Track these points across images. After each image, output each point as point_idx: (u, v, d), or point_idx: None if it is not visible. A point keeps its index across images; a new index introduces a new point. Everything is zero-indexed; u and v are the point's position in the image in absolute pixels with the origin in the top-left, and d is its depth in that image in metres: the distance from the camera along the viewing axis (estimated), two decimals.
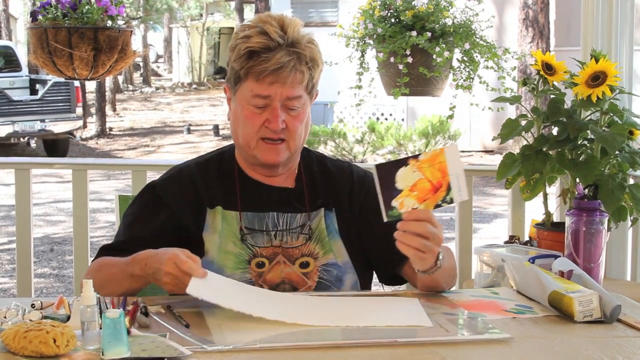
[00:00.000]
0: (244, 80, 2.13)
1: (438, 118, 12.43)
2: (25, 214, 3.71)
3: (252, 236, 2.15)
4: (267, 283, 2.11)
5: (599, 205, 2.38)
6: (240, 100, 2.15)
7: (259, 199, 2.19)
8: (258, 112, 2.12)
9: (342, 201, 2.24)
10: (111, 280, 2.03)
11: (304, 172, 2.25)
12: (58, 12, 3.19)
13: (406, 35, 3.53)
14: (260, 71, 2.09)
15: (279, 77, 2.09)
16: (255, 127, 2.13)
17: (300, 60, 2.11)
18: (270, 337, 1.69)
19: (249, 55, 2.10)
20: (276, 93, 2.10)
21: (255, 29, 2.12)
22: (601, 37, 3.34)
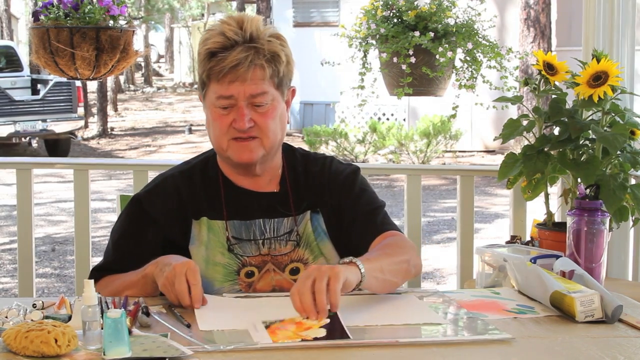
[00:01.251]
0: (207, 84, 2.11)
1: (439, 118, 12.43)
2: (26, 214, 3.71)
3: (240, 245, 2.13)
4: (257, 292, 2.10)
5: (601, 205, 2.38)
6: (208, 104, 2.13)
7: (245, 206, 2.17)
8: (225, 113, 2.10)
9: (326, 199, 2.21)
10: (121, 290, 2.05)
11: (288, 174, 2.22)
12: (60, 12, 3.19)
13: (409, 35, 3.53)
14: (218, 71, 2.06)
15: (238, 75, 2.06)
16: (224, 128, 2.10)
17: (259, 55, 2.07)
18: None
19: (208, 57, 2.08)
20: (238, 92, 2.07)
21: (213, 31, 2.10)
22: (603, 37, 3.34)
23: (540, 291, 1.94)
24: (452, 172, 6.67)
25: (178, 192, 2.18)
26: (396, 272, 2.02)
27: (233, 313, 1.87)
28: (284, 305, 1.92)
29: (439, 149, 12.79)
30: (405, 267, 2.06)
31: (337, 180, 2.23)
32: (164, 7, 27.02)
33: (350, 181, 2.23)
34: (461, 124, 12.75)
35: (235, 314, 1.86)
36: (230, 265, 2.11)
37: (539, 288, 1.95)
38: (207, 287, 2.06)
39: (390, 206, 10.06)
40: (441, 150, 12.95)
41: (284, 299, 1.99)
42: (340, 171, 2.25)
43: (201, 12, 29.23)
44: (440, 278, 6.86)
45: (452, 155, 13.83)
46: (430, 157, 12.66)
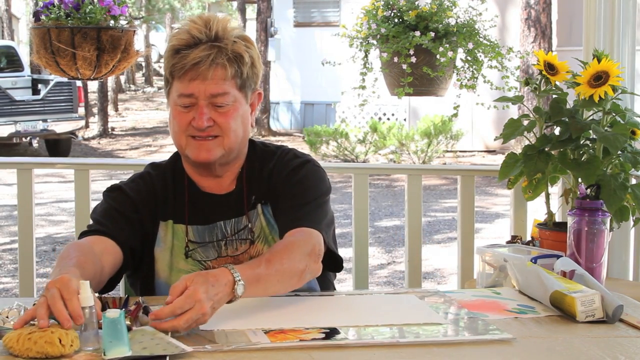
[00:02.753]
0: (171, 82, 2.11)
1: (440, 118, 12.43)
2: (27, 214, 3.71)
3: (202, 250, 2.12)
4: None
5: (601, 205, 2.38)
6: (171, 102, 2.13)
7: (207, 210, 2.16)
8: (185, 111, 2.09)
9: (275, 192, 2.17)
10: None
11: (245, 172, 2.20)
12: (61, 12, 3.19)
13: (410, 35, 3.53)
14: (180, 68, 2.06)
15: (199, 73, 2.05)
16: (183, 125, 2.09)
17: (221, 54, 2.06)
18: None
19: (172, 54, 2.08)
20: (199, 90, 2.06)
21: (180, 30, 2.10)
22: (603, 37, 3.34)
23: (541, 291, 1.94)
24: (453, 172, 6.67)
25: (153, 190, 2.18)
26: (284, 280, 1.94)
27: (234, 313, 1.87)
28: (285, 307, 1.92)
29: (440, 149, 12.79)
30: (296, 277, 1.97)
31: (283, 170, 2.20)
32: (165, 7, 27.01)
33: (293, 172, 2.19)
34: (462, 124, 12.75)
35: (235, 314, 1.86)
36: (193, 271, 2.09)
37: (539, 288, 1.95)
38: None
39: (390, 206, 10.05)
40: (442, 150, 12.95)
41: (284, 298, 1.99)
42: (289, 162, 2.21)
43: (202, 12, 29.23)
44: (440, 278, 6.86)
45: (453, 155, 13.83)
46: (431, 157, 12.66)
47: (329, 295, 2.05)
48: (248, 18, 21.56)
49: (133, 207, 2.14)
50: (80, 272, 1.80)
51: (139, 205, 2.14)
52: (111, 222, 2.10)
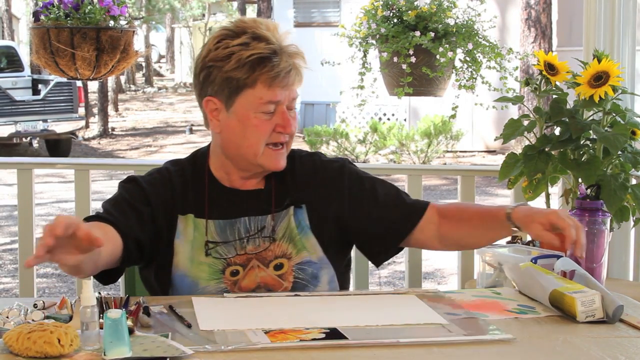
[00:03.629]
0: (249, 88, 2.06)
1: (440, 118, 12.43)
2: (27, 214, 3.71)
3: (225, 246, 2.12)
4: (242, 290, 2.09)
5: (602, 206, 2.38)
6: (244, 110, 2.08)
7: (230, 205, 2.16)
8: (267, 118, 2.08)
9: (314, 196, 2.20)
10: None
11: (275, 172, 2.20)
12: (60, 12, 3.20)
13: (409, 35, 3.53)
14: (273, 76, 2.05)
15: (289, 80, 2.07)
16: (266, 134, 2.09)
17: (299, 61, 2.10)
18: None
19: (258, 61, 2.04)
20: (285, 97, 2.08)
21: (246, 36, 2.07)
22: (603, 37, 3.34)
23: (539, 292, 1.94)
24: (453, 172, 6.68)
25: (171, 184, 2.17)
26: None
27: (234, 313, 1.87)
28: (285, 307, 1.92)
29: (440, 149, 12.79)
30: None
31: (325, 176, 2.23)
32: (165, 7, 27.04)
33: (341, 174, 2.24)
34: (462, 124, 12.75)
35: (236, 314, 1.87)
36: (215, 264, 2.10)
37: (537, 288, 1.95)
38: (192, 286, 2.07)
39: None
40: (442, 151, 12.95)
41: (285, 298, 1.99)
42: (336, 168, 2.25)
43: (202, 12, 29.25)
44: (441, 278, 6.86)
45: (453, 155, 13.83)
46: (431, 157, 12.66)
47: (329, 295, 2.05)
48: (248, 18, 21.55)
49: (145, 199, 2.13)
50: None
51: (151, 198, 2.13)
52: (118, 212, 2.09)
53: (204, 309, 1.87)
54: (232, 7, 27.84)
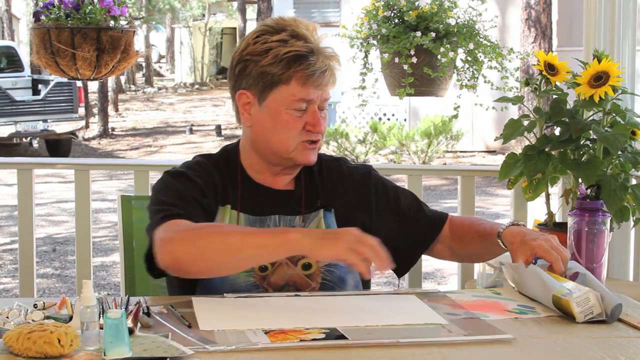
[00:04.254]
0: (284, 85, 2.09)
1: (440, 118, 12.43)
2: (27, 214, 3.71)
3: None
4: (271, 286, 2.10)
5: (602, 206, 2.38)
6: (276, 105, 2.11)
7: (261, 202, 2.18)
8: (298, 115, 2.11)
9: (342, 201, 2.23)
10: (226, 243, 1.92)
11: (304, 174, 2.24)
12: (61, 12, 3.20)
13: (410, 35, 3.53)
14: (308, 75, 2.07)
15: (323, 81, 2.10)
16: (297, 130, 2.11)
17: (335, 63, 2.14)
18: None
19: (294, 59, 2.07)
20: (317, 96, 2.11)
21: (286, 33, 2.10)
22: (604, 37, 3.34)
23: (543, 293, 1.94)
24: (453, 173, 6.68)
25: (211, 175, 2.18)
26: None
27: (234, 313, 1.87)
28: (285, 307, 1.92)
29: (440, 149, 12.79)
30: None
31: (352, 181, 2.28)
32: (165, 8, 27.03)
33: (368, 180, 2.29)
34: (462, 124, 12.75)
35: (236, 314, 1.87)
36: None
37: (540, 289, 1.95)
38: (223, 279, 2.07)
39: None
40: (442, 151, 12.95)
41: (285, 298, 1.99)
42: (354, 172, 2.30)
43: (202, 12, 29.24)
44: (441, 278, 6.86)
45: (453, 155, 13.83)
46: (431, 158, 12.66)
47: (329, 295, 2.05)
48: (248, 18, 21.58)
49: (201, 192, 2.12)
50: None
51: (205, 191, 2.13)
52: (188, 206, 2.07)
53: (204, 309, 1.87)
54: (232, 7, 27.84)
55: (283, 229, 1.97)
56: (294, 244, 1.87)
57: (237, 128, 18.82)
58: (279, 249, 1.90)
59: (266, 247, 1.90)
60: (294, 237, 1.87)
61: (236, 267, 1.98)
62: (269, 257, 1.97)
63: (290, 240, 1.87)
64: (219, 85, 27.49)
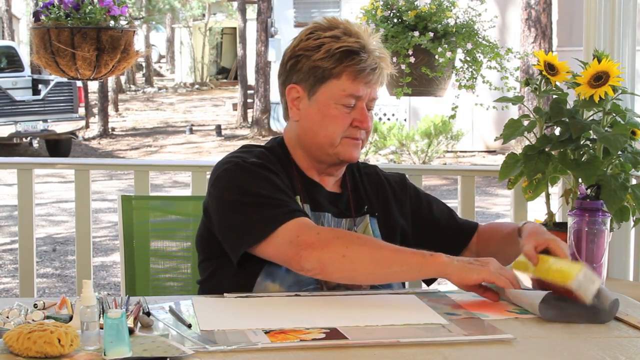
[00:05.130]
0: (335, 79, 2.12)
1: (440, 118, 12.43)
2: (27, 214, 3.71)
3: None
4: (326, 283, 2.10)
5: (602, 206, 2.38)
6: (326, 99, 2.13)
7: (316, 198, 2.19)
8: (347, 111, 2.13)
9: (384, 208, 2.26)
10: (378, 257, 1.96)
11: (348, 178, 2.27)
12: (61, 12, 3.20)
13: (409, 35, 3.53)
14: (359, 70, 2.10)
15: (373, 78, 2.13)
16: (344, 126, 2.14)
17: (386, 64, 2.16)
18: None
19: (346, 54, 2.10)
20: (366, 94, 2.14)
21: (339, 30, 2.13)
22: (604, 37, 3.34)
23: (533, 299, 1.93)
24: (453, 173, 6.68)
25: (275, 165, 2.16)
26: None
27: (234, 313, 1.87)
28: (285, 307, 1.92)
29: (440, 149, 12.79)
30: None
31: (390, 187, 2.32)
32: (165, 8, 27.03)
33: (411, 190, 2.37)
34: (462, 124, 12.75)
35: (236, 314, 1.87)
36: None
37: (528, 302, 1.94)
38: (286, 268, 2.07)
39: None
40: (442, 151, 12.95)
41: (285, 298, 1.99)
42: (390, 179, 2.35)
43: (202, 12, 29.24)
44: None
45: (453, 155, 13.83)
46: (431, 158, 12.66)
47: (329, 295, 2.05)
48: (248, 18, 21.57)
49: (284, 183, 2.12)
50: None
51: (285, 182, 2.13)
52: (292, 200, 2.08)
53: (204, 309, 1.87)
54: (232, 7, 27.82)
55: (432, 253, 1.97)
56: (444, 266, 1.94)
57: (236, 128, 18.83)
58: (427, 269, 1.96)
59: (416, 266, 1.95)
60: (445, 261, 1.94)
61: (380, 280, 2.04)
62: (416, 276, 2.01)
63: (440, 262, 1.94)
64: (219, 85, 27.50)
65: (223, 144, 16.58)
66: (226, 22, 29.29)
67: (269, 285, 2.08)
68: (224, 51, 29.90)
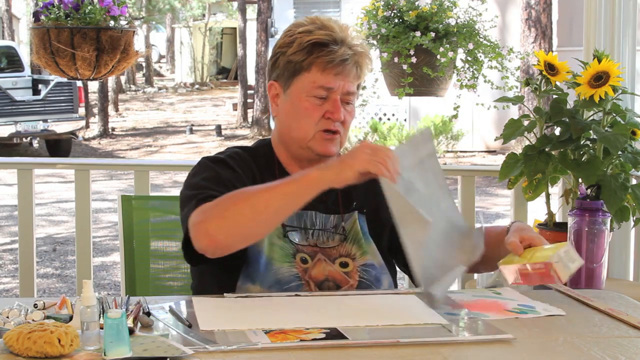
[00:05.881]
0: (305, 72, 2.13)
1: (441, 118, 12.43)
2: (27, 214, 3.71)
3: (294, 233, 2.15)
4: (312, 279, 2.11)
5: (602, 206, 2.38)
6: (298, 92, 2.15)
7: None
8: (319, 103, 2.14)
9: (372, 204, 2.25)
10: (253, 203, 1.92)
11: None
12: (61, 12, 3.19)
13: (410, 35, 3.53)
14: (327, 62, 2.11)
15: (344, 70, 2.12)
16: (316, 118, 2.14)
17: (361, 57, 2.16)
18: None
19: (315, 46, 2.12)
20: (338, 86, 2.13)
21: (314, 25, 2.16)
22: (604, 37, 3.34)
23: None
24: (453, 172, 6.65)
25: (250, 167, 2.19)
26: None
27: (234, 313, 1.87)
28: (285, 307, 1.92)
29: (440, 149, 12.79)
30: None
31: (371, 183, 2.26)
32: (165, 8, 27.02)
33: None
34: (462, 124, 12.75)
35: (236, 314, 1.87)
36: (286, 248, 2.13)
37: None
38: (267, 264, 2.09)
39: None
40: (442, 151, 12.95)
41: (285, 298, 1.99)
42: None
43: (202, 12, 29.23)
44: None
45: (454, 155, 13.83)
46: None
47: (329, 295, 2.05)
48: (248, 18, 21.56)
49: (240, 180, 2.12)
50: None
51: (244, 180, 2.13)
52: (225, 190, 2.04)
53: (204, 309, 1.87)
54: (232, 7, 27.82)
55: (302, 172, 1.96)
56: (319, 180, 1.90)
57: (237, 128, 18.83)
58: (306, 191, 1.92)
59: (293, 193, 1.92)
60: (316, 175, 1.91)
61: (270, 223, 1.97)
62: (299, 201, 1.94)
63: (313, 178, 1.91)
64: (219, 85, 27.50)
65: (223, 144, 16.57)
66: (226, 22, 29.29)
67: (250, 287, 2.09)
68: (224, 51, 29.89)
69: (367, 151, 1.89)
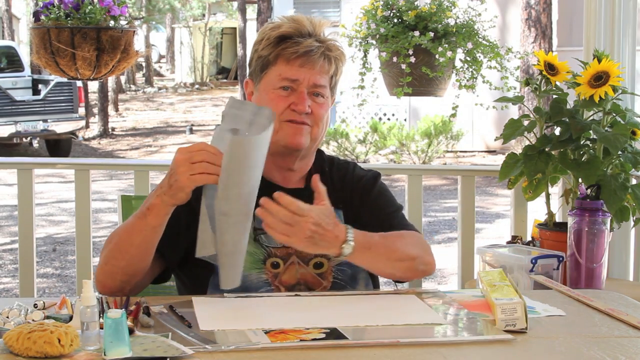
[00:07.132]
0: (272, 65, 2.15)
1: (441, 118, 12.42)
2: (27, 214, 3.71)
3: (266, 236, 2.13)
4: (283, 284, 2.11)
5: (602, 206, 2.38)
6: (266, 86, 2.17)
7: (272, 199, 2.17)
8: (284, 94, 2.15)
9: (349, 201, 2.24)
10: (123, 241, 1.99)
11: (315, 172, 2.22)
12: (61, 12, 3.19)
13: (409, 35, 3.53)
14: (291, 53, 2.13)
15: (309, 61, 2.13)
16: (280, 109, 2.13)
17: (329, 50, 2.16)
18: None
19: (280, 39, 2.14)
20: (304, 77, 2.13)
21: (284, 21, 2.19)
22: (604, 37, 3.34)
23: None
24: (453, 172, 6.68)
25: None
26: (393, 259, 2.07)
27: (234, 313, 1.87)
28: (285, 307, 1.92)
29: (440, 149, 12.79)
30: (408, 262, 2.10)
31: (358, 184, 2.28)
32: (165, 8, 27.03)
33: (369, 185, 2.28)
34: (462, 124, 12.75)
35: (236, 314, 1.87)
36: (256, 254, 2.12)
37: None
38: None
39: None
40: (442, 151, 12.94)
41: (285, 298, 1.99)
42: (362, 176, 2.30)
43: (202, 12, 29.23)
44: (441, 278, 6.86)
45: (453, 155, 13.83)
46: (431, 157, 12.66)
47: (329, 295, 2.05)
48: (248, 18, 21.56)
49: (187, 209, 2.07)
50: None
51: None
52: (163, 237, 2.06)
53: (204, 309, 1.87)
54: (232, 7, 27.82)
55: (146, 201, 1.97)
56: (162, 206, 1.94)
57: None
58: (157, 220, 1.95)
59: (147, 227, 1.96)
60: (158, 202, 1.94)
61: (141, 257, 2.01)
62: (157, 230, 1.98)
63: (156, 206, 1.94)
64: (219, 85, 27.49)
65: None
66: (226, 22, 29.29)
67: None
68: (224, 51, 29.89)
69: (183, 166, 1.88)
